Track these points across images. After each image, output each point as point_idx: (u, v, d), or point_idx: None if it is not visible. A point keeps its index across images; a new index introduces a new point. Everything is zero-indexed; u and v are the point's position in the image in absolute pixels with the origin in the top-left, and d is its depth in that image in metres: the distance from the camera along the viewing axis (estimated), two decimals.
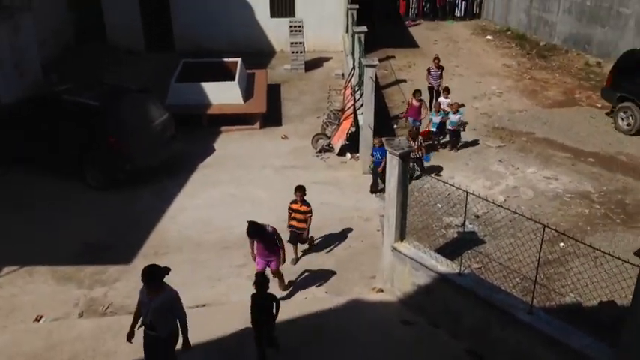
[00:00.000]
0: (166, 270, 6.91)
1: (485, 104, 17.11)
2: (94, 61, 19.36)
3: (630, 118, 14.94)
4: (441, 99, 14.95)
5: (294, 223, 9.84)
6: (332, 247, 10.49)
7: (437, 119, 13.97)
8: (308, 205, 9.79)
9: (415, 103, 14.34)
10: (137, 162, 12.17)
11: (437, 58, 16.53)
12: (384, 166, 11.73)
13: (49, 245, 10.36)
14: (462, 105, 15.18)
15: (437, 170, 13.04)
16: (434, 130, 14.05)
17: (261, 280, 7.60)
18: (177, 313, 6.96)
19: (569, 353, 6.90)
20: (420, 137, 12.80)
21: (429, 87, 16.40)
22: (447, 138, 14.25)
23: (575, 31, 21.73)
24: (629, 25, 19.42)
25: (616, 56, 17.20)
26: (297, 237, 9.95)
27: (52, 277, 9.59)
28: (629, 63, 15.11)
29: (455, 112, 13.75)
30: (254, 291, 7.68)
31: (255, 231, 8.49)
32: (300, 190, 9.78)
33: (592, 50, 21.02)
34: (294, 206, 9.80)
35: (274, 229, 8.77)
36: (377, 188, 12.22)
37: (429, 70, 16.43)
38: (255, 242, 8.77)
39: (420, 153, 12.54)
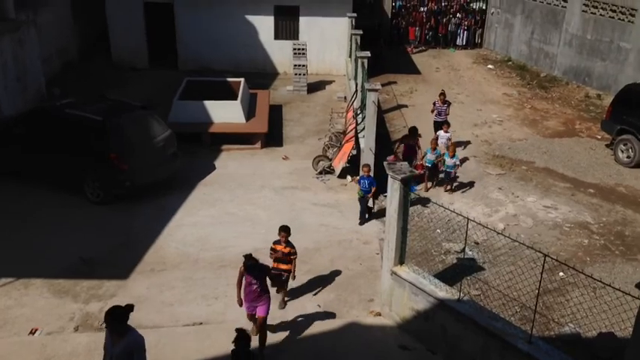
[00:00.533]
0: (130, 308, 6.19)
1: (485, 132, 17.20)
2: (98, 77, 19.47)
3: (630, 150, 15.03)
4: (440, 133, 14.48)
5: (276, 264, 8.98)
6: (330, 268, 10.42)
7: (432, 156, 13.43)
8: (292, 246, 8.91)
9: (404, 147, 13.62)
10: (137, 178, 12.15)
11: (443, 93, 15.80)
12: (374, 194, 11.95)
13: (46, 258, 10.27)
14: (458, 144, 14.95)
15: (436, 196, 13.04)
16: (428, 165, 13.50)
17: (241, 336, 6.81)
18: None
19: None
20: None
21: (434, 122, 15.68)
22: (443, 175, 13.74)
23: (576, 63, 21.95)
24: (629, 59, 19.64)
25: (616, 89, 17.40)
26: (280, 280, 9.05)
27: (48, 291, 9.50)
28: (630, 96, 15.26)
29: (451, 156, 13.25)
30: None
31: (254, 266, 7.86)
32: (285, 230, 8.84)
33: (592, 83, 21.22)
34: (278, 247, 8.90)
35: (269, 268, 8.36)
36: (364, 218, 12.08)
37: (434, 104, 15.71)
38: (244, 281, 8.02)
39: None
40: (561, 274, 10.26)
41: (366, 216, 12.14)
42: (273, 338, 8.53)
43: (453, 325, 8.26)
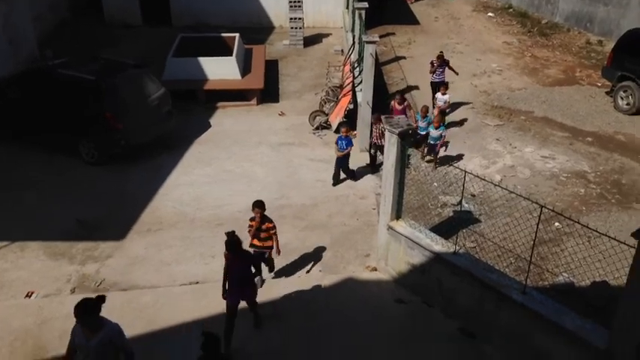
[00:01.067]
0: (102, 299, 5.80)
1: (484, 82, 16.94)
2: (90, 35, 19.12)
3: (630, 97, 14.80)
4: (438, 95, 13.75)
5: (256, 242, 8.58)
6: (327, 224, 10.44)
7: (423, 123, 12.44)
8: (270, 220, 8.51)
9: (397, 106, 12.67)
10: (132, 137, 12.07)
11: (441, 53, 14.97)
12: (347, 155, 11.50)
13: (42, 221, 10.31)
14: (446, 113, 13.67)
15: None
16: (421, 133, 12.46)
17: (210, 340, 5.92)
18: (124, 350, 5.83)
19: (562, 334, 6.90)
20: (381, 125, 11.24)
21: (431, 82, 14.87)
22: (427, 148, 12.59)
23: (578, 9, 21.40)
24: (631, 3, 19.12)
25: (618, 35, 16.98)
26: (261, 258, 8.77)
27: (43, 253, 9.56)
28: (631, 42, 14.91)
29: (437, 127, 12.08)
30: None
31: (235, 245, 7.40)
32: (259, 206, 8.40)
33: (594, 29, 20.74)
34: (254, 223, 8.49)
35: (258, 253, 8.30)
36: (338, 179, 11.75)
37: (432, 63, 14.79)
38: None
39: (383, 140, 11.45)
40: (557, 224, 10.26)
41: (340, 177, 11.79)
42: (268, 295, 8.61)
43: (448, 278, 8.31)
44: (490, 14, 23.94)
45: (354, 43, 15.46)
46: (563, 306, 7.27)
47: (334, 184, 11.72)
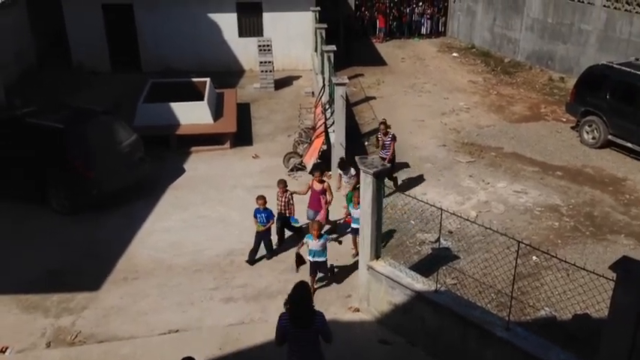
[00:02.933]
0: None
1: (453, 120, 17.30)
2: (59, 83, 19.00)
3: (595, 131, 15.27)
4: (343, 175, 11.52)
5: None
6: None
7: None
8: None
9: (316, 185, 10.69)
10: (104, 186, 11.88)
11: (384, 122, 13.12)
12: (269, 229, 10.22)
13: (13, 273, 9.98)
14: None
15: (408, 186, 13.06)
16: (310, 260, 9.58)
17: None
18: None
19: None
20: (289, 192, 10.70)
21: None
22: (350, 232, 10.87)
23: (538, 47, 22.23)
24: (590, 41, 19.95)
25: (578, 71, 17.64)
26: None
27: (17, 307, 9.22)
28: (592, 78, 15.48)
29: (356, 207, 10.00)
30: (227, 315, 7.24)
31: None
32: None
33: (555, 66, 21.52)
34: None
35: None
36: (254, 258, 10.31)
37: (377, 137, 13.41)
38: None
39: (288, 212, 10.66)
40: (535, 258, 10.38)
41: (256, 253, 10.32)
42: (251, 341, 8.44)
43: (431, 317, 8.28)
44: (454, 54, 24.68)
45: (324, 85, 15.69)
46: (547, 341, 7.29)
47: (251, 263, 10.32)
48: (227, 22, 20.98)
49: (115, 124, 12.83)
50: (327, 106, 14.27)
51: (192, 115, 15.36)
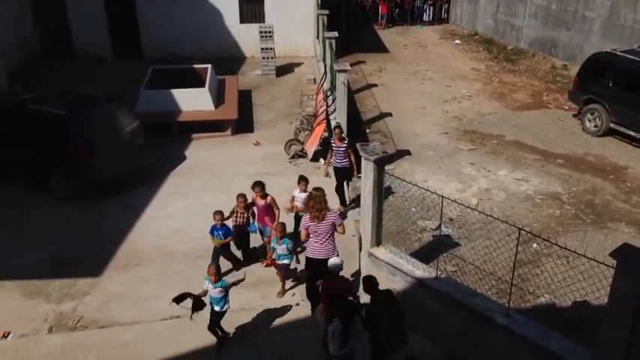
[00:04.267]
0: None
1: (455, 107, 17.25)
2: (61, 70, 18.96)
3: (597, 119, 15.22)
4: (296, 193, 10.25)
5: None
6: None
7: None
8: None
9: (259, 201, 9.78)
10: (106, 172, 11.89)
11: (338, 127, 11.79)
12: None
13: (16, 259, 10.03)
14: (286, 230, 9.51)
15: (410, 174, 13.06)
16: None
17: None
18: None
19: (547, 356, 6.93)
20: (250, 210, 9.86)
21: (334, 168, 11.79)
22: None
23: (542, 34, 22.10)
24: (594, 28, 19.83)
25: (582, 59, 17.55)
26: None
27: (19, 292, 9.29)
28: (595, 66, 15.40)
29: (280, 241, 9.07)
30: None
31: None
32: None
33: (558, 53, 21.41)
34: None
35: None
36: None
37: (331, 145, 11.71)
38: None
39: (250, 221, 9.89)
40: (535, 245, 10.40)
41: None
42: (253, 325, 8.49)
43: (431, 303, 8.32)
44: (457, 41, 24.54)
45: (325, 72, 15.64)
46: (547, 328, 7.33)
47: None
48: (228, 8, 20.86)
49: (117, 110, 12.82)
50: (329, 93, 14.25)
51: (193, 101, 15.33)
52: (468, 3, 26.07)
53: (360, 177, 10.04)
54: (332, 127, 13.31)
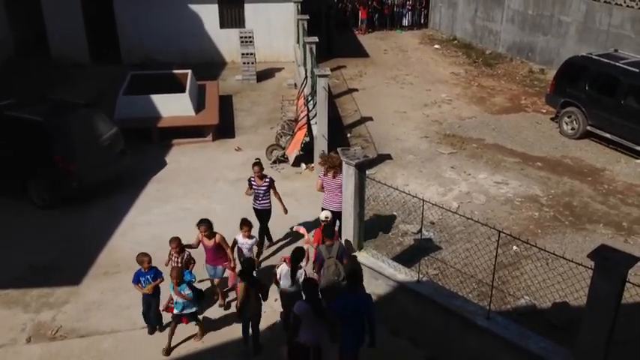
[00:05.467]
0: None
1: (435, 111, 17.38)
2: (38, 75, 18.72)
3: (574, 122, 15.43)
4: (239, 237, 9.16)
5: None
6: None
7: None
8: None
9: (207, 241, 8.83)
10: (85, 179, 11.76)
11: (257, 163, 10.09)
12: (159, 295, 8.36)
13: None
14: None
15: (391, 178, 13.11)
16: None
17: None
18: None
19: (527, 357, 7.00)
20: (187, 253, 8.78)
21: (255, 210, 10.37)
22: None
23: (519, 39, 22.39)
24: (569, 32, 20.13)
25: (558, 63, 17.80)
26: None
27: None
28: (572, 69, 15.62)
29: (176, 289, 8.02)
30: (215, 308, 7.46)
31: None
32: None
33: (535, 57, 21.70)
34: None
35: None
36: (152, 323, 8.51)
37: (249, 181, 10.22)
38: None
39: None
40: (515, 247, 10.49)
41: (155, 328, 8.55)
42: (239, 333, 8.44)
43: (414, 307, 8.36)
44: (436, 46, 24.75)
45: (306, 77, 15.65)
46: (527, 329, 7.41)
47: (150, 332, 8.57)
48: (208, 13, 20.79)
49: (95, 116, 12.66)
50: (310, 98, 14.25)
51: (173, 107, 15.22)
52: (447, 8, 26.32)
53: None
54: (313, 132, 13.30)
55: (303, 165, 13.76)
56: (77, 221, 11.36)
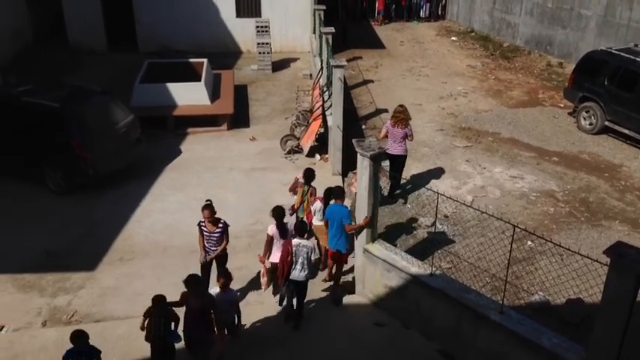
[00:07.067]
0: None
1: (451, 104, 17.26)
2: (55, 61, 18.86)
3: (592, 117, 15.26)
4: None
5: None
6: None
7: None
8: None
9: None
10: (101, 166, 11.84)
11: (208, 206, 8.56)
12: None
13: (9, 252, 10.00)
14: None
15: (406, 170, 13.05)
16: None
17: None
18: None
19: (540, 352, 6.97)
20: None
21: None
22: None
23: (537, 32, 22.12)
24: (589, 26, 19.86)
25: (577, 57, 17.57)
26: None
27: (12, 286, 9.26)
28: (591, 64, 15.42)
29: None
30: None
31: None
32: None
33: (554, 51, 21.43)
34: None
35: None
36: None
37: (199, 225, 8.69)
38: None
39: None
40: (529, 243, 10.43)
41: None
42: (247, 322, 8.49)
43: (426, 300, 8.34)
44: (453, 38, 24.53)
45: (322, 67, 15.60)
46: (540, 324, 7.37)
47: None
48: (225, 2, 20.75)
49: (111, 104, 12.74)
50: (325, 89, 14.22)
51: (189, 96, 15.27)
52: (465, 0, 26.05)
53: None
54: (328, 123, 13.26)
55: (318, 156, 13.75)
56: (93, 208, 11.47)
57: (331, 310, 9.04)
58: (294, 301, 8.45)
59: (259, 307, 9.02)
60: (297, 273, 8.21)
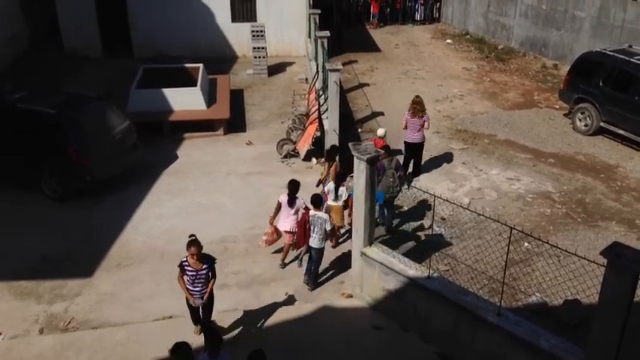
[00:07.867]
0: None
1: (447, 107, 17.30)
2: (51, 67, 18.83)
3: (588, 118, 15.31)
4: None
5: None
6: (299, 253, 10.38)
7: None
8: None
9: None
10: (97, 172, 11.82)
11: (194, 242, 7.52)
12: None
13: (5, 259, 9.96)
14: None
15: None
16: None
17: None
18: None
19: (538, 354, 6.97)
20: None
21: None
22: None
23: (532, 34, 22.20)
24: (584, 27, 19.94)
25: (572, 58, 17.64)
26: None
27: (9, 293, 9.22)
28: (586, 65, 15.48)
29: None
30: (221, 302, 7.43)
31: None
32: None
33: (548, 53, 21.51)
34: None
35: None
36: None
37: (182, 267, 7.69)
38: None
39: None
40: (526, 244, 10.45)
41: None
42: (246, 325, 8.48)
43: (424, 302, 8.35)
44: (448, 41, 24.60)
45: (317, 71, 15.63)
46: (538, 326, 7.37)
47: None
48: (220, 6, 20.78)
49: (107, 110, 12.73)
50: (321, 93, 14.23)
51: (185, 101, 15.27)
52: (459, 2, 26.13)
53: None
54: (324, 127, 13.29)
55: (314, 159, 13.75)
56: (90, 214, 11.44)
57: (329, 312, 9.03)
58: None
59: (256, 311, 9.00)
60: (312, 240, 9.25)
